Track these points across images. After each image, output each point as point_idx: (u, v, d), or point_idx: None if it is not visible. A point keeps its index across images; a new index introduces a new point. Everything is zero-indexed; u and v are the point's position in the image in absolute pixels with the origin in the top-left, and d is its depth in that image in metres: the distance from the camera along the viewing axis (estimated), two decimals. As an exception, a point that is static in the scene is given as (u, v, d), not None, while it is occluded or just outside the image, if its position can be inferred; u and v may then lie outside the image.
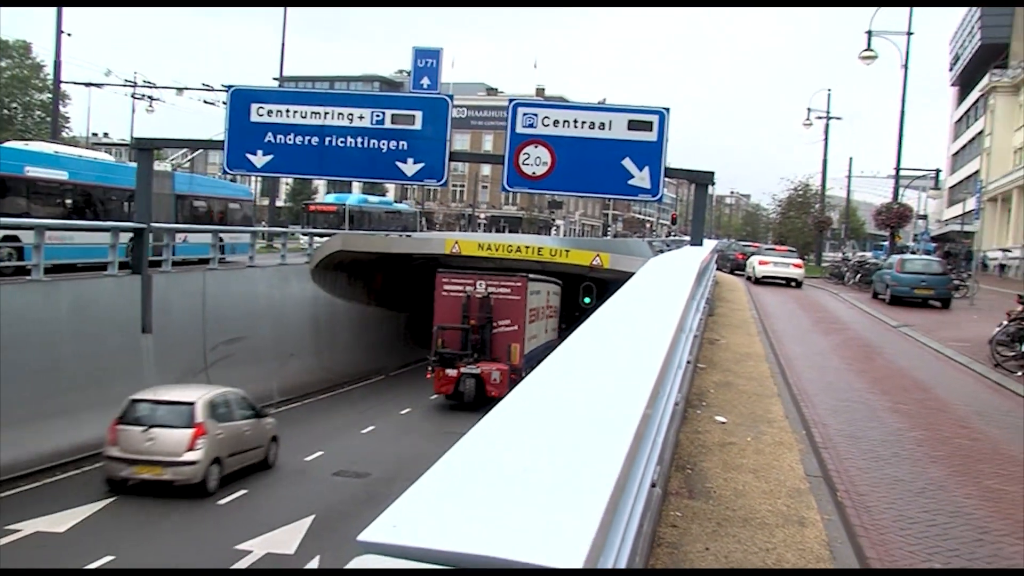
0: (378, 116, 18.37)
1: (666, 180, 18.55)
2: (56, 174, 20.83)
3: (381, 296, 29.59)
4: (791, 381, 11.99)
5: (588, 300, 27.76)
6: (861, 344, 17.75)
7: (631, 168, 17.77)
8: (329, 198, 47.63)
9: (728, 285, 29.64)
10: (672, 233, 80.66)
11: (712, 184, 20.86)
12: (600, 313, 4.34)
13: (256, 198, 70.50)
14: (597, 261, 25.86)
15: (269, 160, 18.56)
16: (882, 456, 8.32)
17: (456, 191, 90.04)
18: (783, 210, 61.23)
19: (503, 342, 23.66)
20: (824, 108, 48.26)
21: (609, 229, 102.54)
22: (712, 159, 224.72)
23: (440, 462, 1.68)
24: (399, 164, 18.43)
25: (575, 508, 1.51)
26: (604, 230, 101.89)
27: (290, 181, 68.91)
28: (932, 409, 11.17)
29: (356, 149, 18.38)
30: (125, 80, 41.42)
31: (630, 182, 17.86)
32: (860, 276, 32.89)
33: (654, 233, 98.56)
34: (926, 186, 58.98)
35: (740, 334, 16.51)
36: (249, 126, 18.49)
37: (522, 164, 18.02)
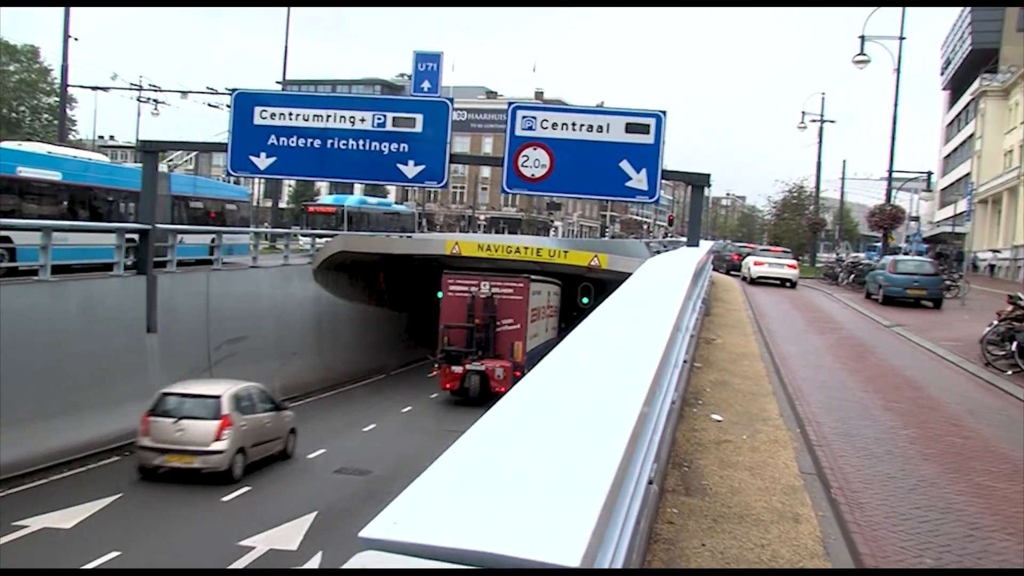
0: (379, 119, 18.36)
1: (663, 182, 18.55)
2: (49, 174, 20.53)
3: (382, 296, 29.59)
4: (786, 380, 11.99)
5: (586, 300, 27.78)
6: (854, 343, 17.76)
7: (628, 170, 17.77)
8: (328, 199, 47.55)
9: (724, 285, 29.65)
10: (669, 234, 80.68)
11: (708, 186, 20.86)
12: (598, 313, 4.34)
13: (259, 199, 70.73)
14: (595, 262, 25.99)
15: (272, 162, 18.57)
16: (875, 454, 8.33)
17: (456, 193, 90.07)
18: (778, 212, 61.27)
19: (506, 340, 24.08)
20: (819, 111, 48.42)
21: (607, 230, 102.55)
22: (708, 161, 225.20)
23: (440, 460, 1.68)
24: (400, 166, 18.42)
25: (574, 505, 1.51)
26: (602, 231, 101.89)
27: (293, 183, 68.93)
28: (924, 407, 11.18)
29: (358, 151, 18.37)
30: (131, 83, 41.48)
31: (627, 184, 17.86)
32: (853, 277, 32.91)
33: (651, 234, 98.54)
34: (918, 188, 58.98)
35: (736, 334, 16.51)
36: (252, 129, 18.48)
37: (521, 166, 18.02)
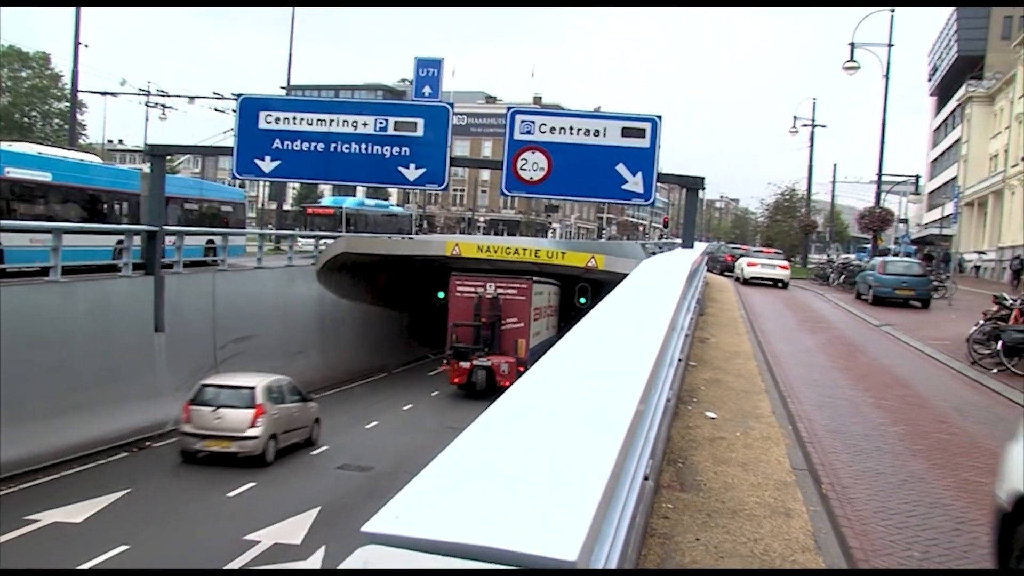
0: (381, 123, 18.35)
1: (658, 185, 18.55)
2: (39, 175, 20.04)
3: (384, 296, 29.58)
4: (778, 378, 12.00)
5: (584, 300, 27.78)
6: (845, 343, 17.76)
7: (625, 173, 17.76)
8: (326, 201, 47.48)
9: (718, 286, 29.66)
10: (664, 236, 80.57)
11: (702, 189, 20.88)
12: (595, 313, 4.34)
13: (264, 202, 70.69)
14: (592, 263, 26.22)
15: (277, 166, 18.55)
16: (865, 450, 8.33)
17: (456, 195, 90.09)
18: (770, 214, 61.37)
19: (511, 338, 25.07)
20: (810, 116, 48.47)
21: (604, 232, 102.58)
22: (703, 164, 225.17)
23: (441, 456, 1.68)
24: (401, 169, 18.41)
25: (571, 500, 1.51)
26: (599, 233, 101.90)
27: (297, 185, 68.91)
28: (912, 405, 11.18)
29: (360, 155, 18.36)
30: (139, 89, 41.52)
31: (624, 187, 17.85)
32: (844, 277, 32.93)
33: (647, 236, 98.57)
34: (907, 191, 59.12)
35: (729, 333, 16.52)
36: (257, 133, 18.46)
37: (520, 169, 18.01)
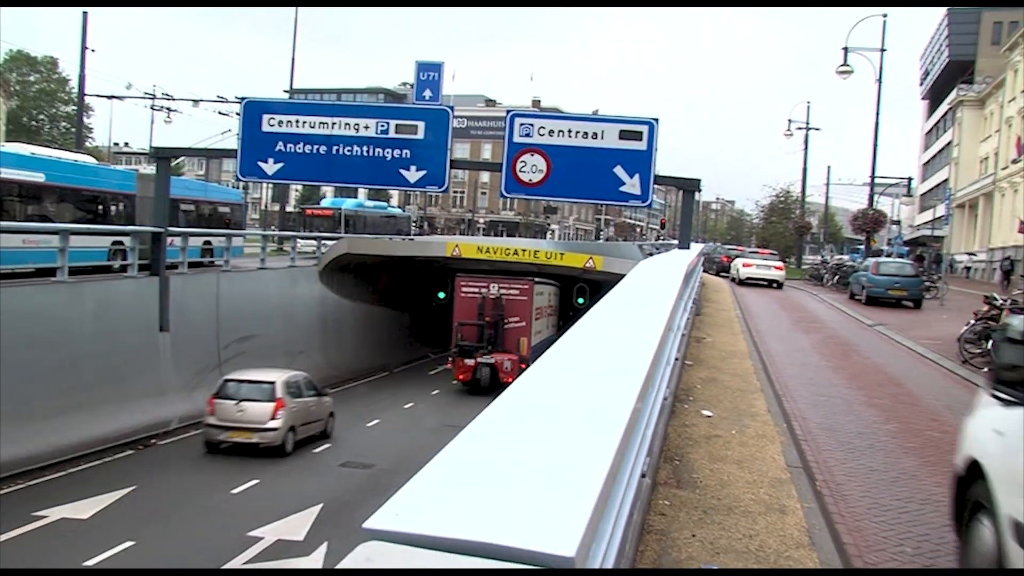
0: (383, 126, 18.36)
1: (655, 187, 18.55)
2: (31, 176, 19.47)
3: (385, 296, 29.58)
4: (773, 377, 12.00)
5: (582, 300, 27.81)
6: (839, 342, 17.76)
7: (622, 175, 17.76)
8: (325, 203, 47.42)
9: (714, 286, 29.66)
10: (661, 237, 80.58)
11: (699, 191, 20.88)
12: (593, 313, 4.33)
13: (268, 203, 70.61)
14: (590, 263, 26.37)
15: (280, 168, 18.56)
16: (858, 447, 8.32)
17: (456, 197, 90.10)
18: (765, 215, 61.30)
19: (513, 336, 25.55)
20: (804, 119, 48.49)
21: (601, 233, 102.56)
22: (699, 166, 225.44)
23: (441, 454, 1.67)
24: (402, 171, 18.41)
25: (570, 497, 1.51)
26: (597, 234, 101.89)
27: (300, 187, 68.89)
28: (905, 403, 11.17)
29: (362, 157, 18.37)
30: (145, 93, 41.41)
31: (621, 189, 17.85)
32: (838, 278, 32.94)
33: (644, 237, 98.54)
34: (899, 193, 59.18)
35: (725, 333, 16.52)
36: (261, 135, 18.47)
37: (519, 171, 18.01)
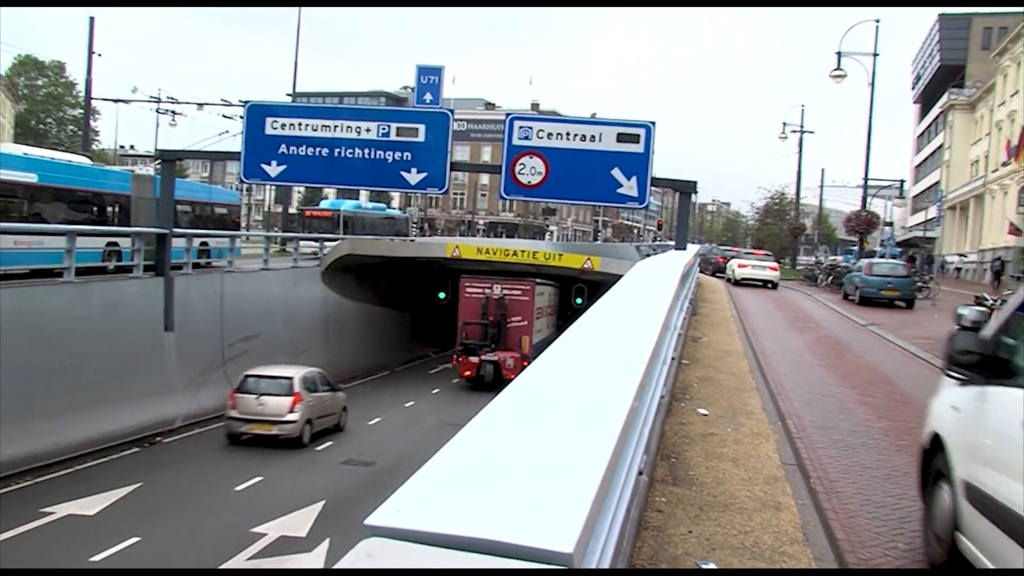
0: (384, 129, 18.35)
1: (652, 189, 18.55)
2: (24, 176, 19.10)
3: (386, 297, 29.58)
4: (768, 376, 12.00)
5: (580, 301, 27.83)
6: (832, 341, 17.76)
7: (620, 178, 17.77)
8: (324, 204, 47.43)
9: (710, 287, 29.66)
10: (658, 238, 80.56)
11: (695, 192, 20.84)
12: (591, 313, 4.33)
13: (271, 205, 70.54)
14: (588, 264, 26.47)
15: (282, 170, 18.55)
16: (851, 445, 8.33)
17: (457, 199, 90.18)
18: (761, 217, 61.32)
19: (515, 335, 26.00)
20: (799, 122, 48.53)
21: (599, 234, 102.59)
22: (695, 168, 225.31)
23: (441, 452, 1.68)
24: (403, 174, 18.41)
25: (568, 494, 1.51)
26: (595, 235, 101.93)
27: (302, 189, 68.87)
28: (897, 402, 11.17)
29: (363, 160, 18.37)
30: (150, 96, 41.50)
31: (619, 190, 17.86)
32: (832, 278, 32.96)
33: (641, 238, 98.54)
34: (892, 195, 59.20)
35: (721, 332, 16.52)
36: (264, 138, 18.46)
37: (518, 174, 18.01)
